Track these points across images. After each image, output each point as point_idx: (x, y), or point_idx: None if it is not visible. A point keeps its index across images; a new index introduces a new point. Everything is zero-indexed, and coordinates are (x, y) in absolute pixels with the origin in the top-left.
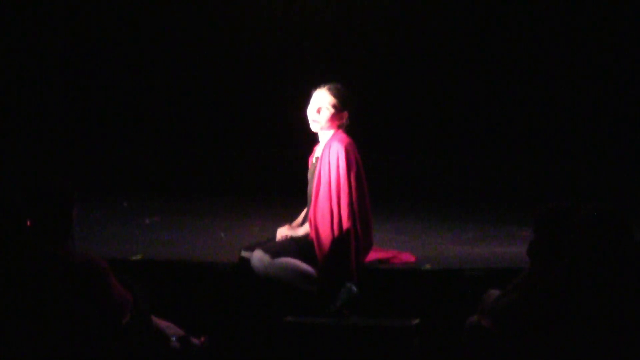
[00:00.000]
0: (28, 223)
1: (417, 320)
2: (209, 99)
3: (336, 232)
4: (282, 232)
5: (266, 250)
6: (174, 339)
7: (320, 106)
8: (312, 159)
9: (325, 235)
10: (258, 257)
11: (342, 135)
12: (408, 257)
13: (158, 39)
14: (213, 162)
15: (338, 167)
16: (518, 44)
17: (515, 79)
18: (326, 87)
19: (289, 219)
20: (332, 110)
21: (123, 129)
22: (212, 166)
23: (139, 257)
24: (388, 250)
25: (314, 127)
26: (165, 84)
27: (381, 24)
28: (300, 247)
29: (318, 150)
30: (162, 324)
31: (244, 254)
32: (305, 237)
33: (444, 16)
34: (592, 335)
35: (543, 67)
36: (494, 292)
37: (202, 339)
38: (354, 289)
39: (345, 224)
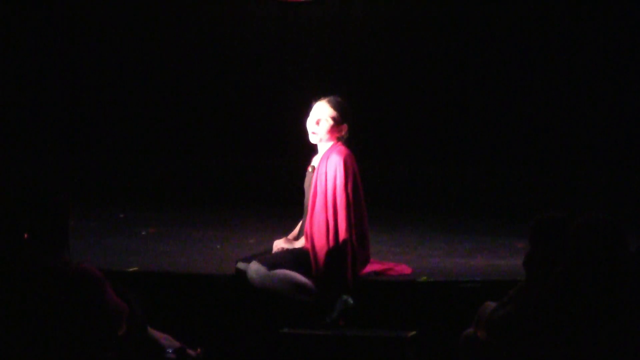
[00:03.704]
0: (25, 236)
1: (413, 332)
2: (205, 110)
3: (332, 243)
4: (279, 244)
5: (262, 262)
6: (170, 350)
7: (320, 118)
8: (308, 169)
9: (321, 246)
10: (254, 268)
11: (340, 147)
12: (404, 269)
13: (154, 48)
14: (209, 174)
15: (335, 178)
16: (514, 57)
17: (512, 92)
18: (326, 99)
19: (285, 230)
20: (331, 122)
21: (120, 140)
22: (209, 177)
23: (135, 268)
24: (384, 262)
25: (312, 138)
26: (162, 94)
27: (379, 35)
28: (297, 258)
29: (315, 160)
30: (158, 335)
31: (240, 265)
32: (302, 249)
33: (442, 26)
34: (588, 345)
35: (539, 79)
36: (490, 304)
37: (199, 350)
38: (350, 300)
39: (342, 235)
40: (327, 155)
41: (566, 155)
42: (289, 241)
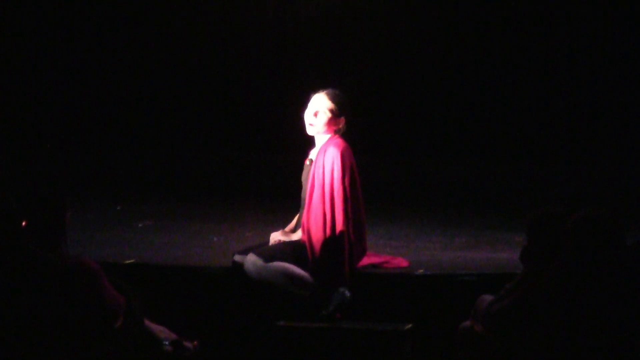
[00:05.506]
0: (24, 224)
1: (409, 325)
2: (203, 102)
3: (329, 236)
4: (276, 237)
5: (259, 254)
6: (166, 342)
7: (318, 110)
8: (306, 162)
9: (318, 239)
10: (251, 261)
11: (338, 139)
12: (401, 262)
13: (151, 41)
14: (206, 166)
15: (332, 171)
16: (511, 50)
17: (509, 84)
18: (324, 91)
19: (282, 223)
20: (329, 115)
21: (117, 132)
22: (206, 170)
23: (131, 260)
24: (381, 255)
25: (310, 130)
26: (158, 87)
27: (377, 27)
28: (294, 251)
29: (312, 153)
30: (155, 327)
31: (237, 258)
32: (299, 242)
33: (441, 18)
34: (584, 339)
35: (539, 73)
36: (487, 298)
37: (195, 342)
38: (347, 293)
39: (339, 228)
40: (324, 148)
41: (565, 150)
42: (286, 234)
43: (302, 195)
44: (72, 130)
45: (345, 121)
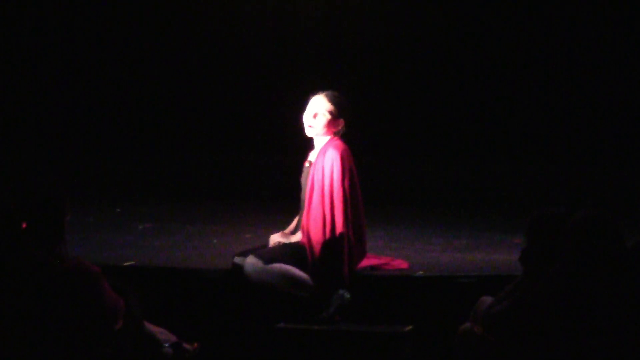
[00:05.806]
0: (24, 225)
1: (409, 327)
2: (201, 104)
3: (329, 238)
4: (275, 239)
5: (259, 256)
6: (166, 345)
7: (317, 112)
8: (306, 164)
9: (318, 241)
10: (251, 263)
11: (337, 141)
12: (401, 264)
13: (150, 43)
14: (206, 168)
15: (332, 173)
16: (511, 50)
17: (508, 86)
18: (324, 93)
19: (282, 225)
20: (328, 117)
21: (116, 135)
22: (205, 172)
23: (131, 263)
24: (381, 256)
25: (309, 132)
26: (157, 88)
27: (377, 27)
28: (293, 253)
29: (312, 155)
30: (155, 329)
31: (237, 260)
32: (299, 243)
33: (439, 20)
34: (584, 341)
35: (537, 73)
36: (487, 299)
37: (195, 345)
38: (347, 295)
39: (338, 230)
40: (323, 150)
41: (565, 150)
42: (286, 235)
43: (302, 197)
44: (71, 132)
45: (345, 123)
